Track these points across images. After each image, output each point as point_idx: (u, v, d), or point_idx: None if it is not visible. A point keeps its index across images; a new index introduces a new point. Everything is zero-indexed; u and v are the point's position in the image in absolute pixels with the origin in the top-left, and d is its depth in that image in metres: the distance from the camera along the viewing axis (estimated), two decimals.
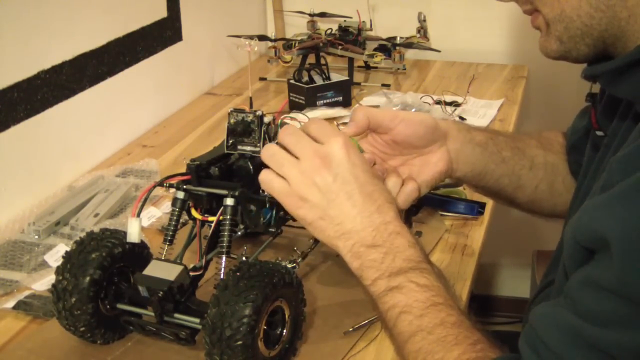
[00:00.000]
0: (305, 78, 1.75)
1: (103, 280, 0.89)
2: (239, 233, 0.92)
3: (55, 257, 1.13)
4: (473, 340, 0.73)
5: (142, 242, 0.93)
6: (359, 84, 1.91)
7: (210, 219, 0.92)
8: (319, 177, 0.80)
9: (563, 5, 0.76)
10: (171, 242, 0.93)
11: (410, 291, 0.77)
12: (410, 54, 2.10)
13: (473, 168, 0.98)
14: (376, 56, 1.88)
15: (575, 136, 1.04)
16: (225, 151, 0.94)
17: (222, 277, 0.88)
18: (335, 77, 1.78)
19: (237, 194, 0.89)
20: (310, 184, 0.80)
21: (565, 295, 0.67)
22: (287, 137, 0.83)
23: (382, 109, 0.92)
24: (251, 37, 1.75)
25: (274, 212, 0.94)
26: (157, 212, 1.27)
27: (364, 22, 1.95)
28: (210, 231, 0.92)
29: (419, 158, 0.95)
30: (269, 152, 0.83)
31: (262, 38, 1.96)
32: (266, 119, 0.93)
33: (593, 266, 0.65)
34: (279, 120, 0.96)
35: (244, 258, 0.91)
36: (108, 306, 0.91)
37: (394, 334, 0.78)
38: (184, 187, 0.92)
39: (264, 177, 0.83)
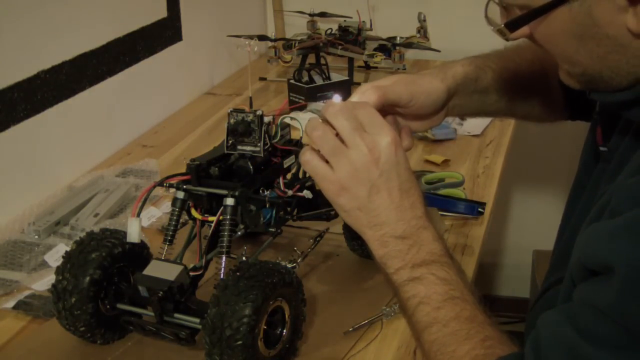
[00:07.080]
0: (305, 78, 1.75)
1: (103, 280, 0.89)
2: (239, 233, 0.92)
3: (55, 257, 1.13)
4: (484, 336, 0.75)
5: (142, 242, 0.93)
6: (359, 84, 1.90)
7: (210, 219, 0.92)
8: (365, 172, 0.80)
9: (601, 70, 0.74)
10: (171, 242, 0.93)
11: (430, 283, 0.78)
12: (410, 54, 2.09)
13: (465, 112, 1.03)
14: (376, 56, 1.88)
15: None
16: (225, 151, 0.94)
17: (222, 277, 0.88)
18: (335, 77, 1.78)
19: (237, 194, 0.89)
20: (356, 177, 0.80)
21: (573, 301, 0.69)
22: (336, 119, 0.80)
23: (393, 85, 0.88)
24: (251, 37, 1.76)
25: (274, 212, 0.94)
26: (157, 212, 1.27)
27: (364, 22, 1.95)
28: (210, 231, 0.92)
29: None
30: (318, 131, 0.80)
31: (262, 38, 1.96)
32: (266, 119, 0.93)
33: (595, 287, 0.66)
34: (279, 120, 0.96)
35: (244, 258, 0.91)
36: (108, 306, 0.91)
37: (412, 322, 0.80)
38: (184, 187, 0.92)
39: (308, 157, 0.81)
